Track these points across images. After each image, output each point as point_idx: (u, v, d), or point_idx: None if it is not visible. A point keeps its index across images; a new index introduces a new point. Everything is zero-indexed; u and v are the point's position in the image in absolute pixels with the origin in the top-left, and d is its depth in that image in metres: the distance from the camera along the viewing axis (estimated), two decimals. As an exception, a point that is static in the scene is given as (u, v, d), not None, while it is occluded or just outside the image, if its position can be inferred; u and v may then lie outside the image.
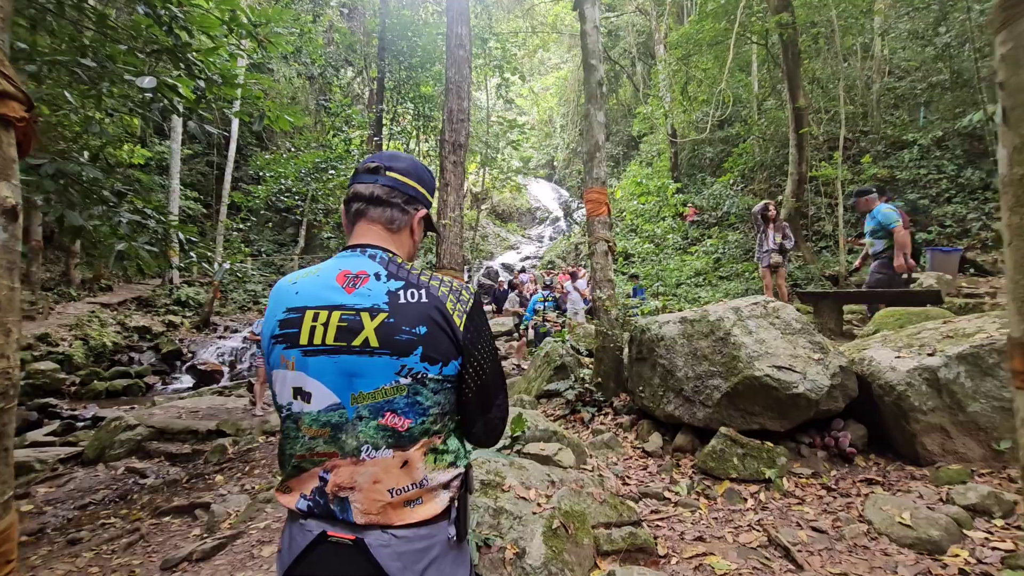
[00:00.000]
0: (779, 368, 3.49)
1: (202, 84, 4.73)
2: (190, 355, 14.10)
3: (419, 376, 0.98)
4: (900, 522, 2.61)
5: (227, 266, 5.36)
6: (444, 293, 1.04)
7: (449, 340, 1.01)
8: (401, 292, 1.02)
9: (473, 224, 29.66)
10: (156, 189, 19.64)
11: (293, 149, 11.16)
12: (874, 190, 5.91)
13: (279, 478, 1.36)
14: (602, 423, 4.71)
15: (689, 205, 16.69)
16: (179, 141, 18.11)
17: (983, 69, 11.85)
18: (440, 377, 1.01)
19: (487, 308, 8.14)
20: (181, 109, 4.73)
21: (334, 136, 12.27)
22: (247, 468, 6.18)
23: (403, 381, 0.97)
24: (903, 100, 14.34)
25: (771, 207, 6.95)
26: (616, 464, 3.83)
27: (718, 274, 13.44)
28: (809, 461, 3.49)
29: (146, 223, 4.93)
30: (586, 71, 5.53)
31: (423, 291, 1.03)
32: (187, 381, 13.07)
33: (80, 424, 8.71)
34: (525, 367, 8.07)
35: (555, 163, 34.24)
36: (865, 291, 4.88)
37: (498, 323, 13.48)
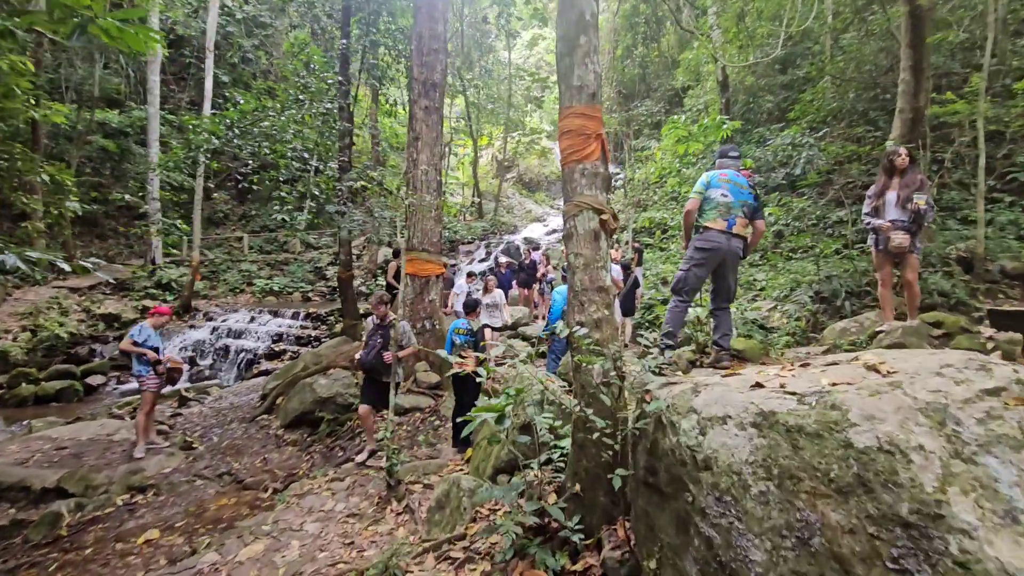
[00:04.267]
0: None
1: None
2: (156, 347, 12.34)
3: None
4: None
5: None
6: None
7: None
8: None
9: (496, 195, 27.08)
10: (137, 158, 18.00)
11: (240, 102, 8.79)
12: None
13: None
14: (573, 602, 2.22)
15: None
16: (157, 104, 16.22)
17: None
18: None
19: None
20: None
21: (298, 84, 9.78)
22: (53, 568, 4.05)
23: None
24: (1031, 23, 10.73)
25: (902, 154, 4.10)
26: None
27: (780, 251, 10.54)
28: None
29: None
30: None
31: None
32: (143, 380, 11.30)
33: (-50, 452, 6.88)
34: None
35: (587, 124, 30.85)
36: None
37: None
